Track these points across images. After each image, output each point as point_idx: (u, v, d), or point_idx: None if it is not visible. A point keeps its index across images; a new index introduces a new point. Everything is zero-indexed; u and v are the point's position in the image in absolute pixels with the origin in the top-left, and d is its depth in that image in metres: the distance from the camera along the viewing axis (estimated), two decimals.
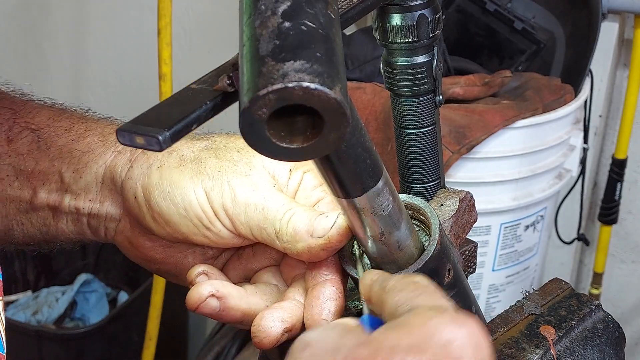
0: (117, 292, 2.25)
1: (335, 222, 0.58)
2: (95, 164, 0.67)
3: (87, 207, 0.68)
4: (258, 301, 0.62)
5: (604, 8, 1.75)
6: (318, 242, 0.58)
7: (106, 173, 0.67)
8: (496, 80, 1.61)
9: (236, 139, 0.65)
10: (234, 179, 0.62)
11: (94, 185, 0.67)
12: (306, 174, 0.64)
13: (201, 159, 0.63)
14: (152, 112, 0.46)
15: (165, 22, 1.53)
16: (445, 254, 0.58)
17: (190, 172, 0.62)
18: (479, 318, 0.47)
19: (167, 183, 0.63)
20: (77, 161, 0.68)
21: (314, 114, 0.40)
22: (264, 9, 0.41)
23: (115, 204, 0.67)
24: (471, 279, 0.69)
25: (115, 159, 0.67)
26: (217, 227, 0.62)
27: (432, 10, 0.63)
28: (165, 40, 1.54)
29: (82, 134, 0.69)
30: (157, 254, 0.66)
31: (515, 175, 1.59)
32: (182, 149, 0.65)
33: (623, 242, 2.11)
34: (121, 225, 0.67)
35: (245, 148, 0.63)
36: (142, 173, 0.64)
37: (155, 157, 0.65)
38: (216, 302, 0.61)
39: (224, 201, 0.61)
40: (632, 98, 1.87)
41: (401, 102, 0.67)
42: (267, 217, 0.60)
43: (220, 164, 0.63)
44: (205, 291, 0.61)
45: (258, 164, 0.63)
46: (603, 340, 0.63)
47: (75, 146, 0.68)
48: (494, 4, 1.77)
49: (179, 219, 0.62)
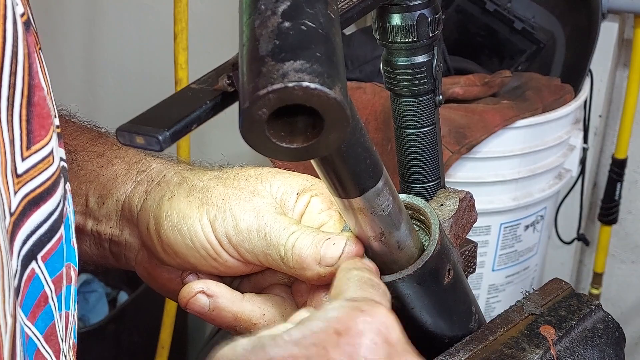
0: (117, 292, 2.24)
1: (343, 251, 0.57)
2: (117, 192, 0.67)
3: (109, 234, 0.68)
4: (254, 308, 0.62)
5: (604, 8, 1.75)
6: (328, 270, 0.57)
7: (125, 203, 0.67)
8: (496, 80, 1.61)
9: (247, 169, 0.65)
10: (236, 206, 0.61)
11: (114, 213, 0.67)
12: (314, 197, 0.63)
13: (209, 188, 0.63)
14: (152, 112, 0.46)
15: (181, 27, 1.52)
16: (445, 254, 0.58)
17: (197, 202, 0.62)
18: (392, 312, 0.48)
19: (176, 214, 0.62)
20: (102, 187, 0.68)
21: (314, 114, 0.40)
22: (264, 9, 0.41)
23: (132, 234, 0.67)
24: (471, 279, 0.69)
25: (134, 189, 0.67)
26: (224, 257, 0.61)
27: (432, 10, 0.63)
28: (181, 45, 1.54)
29: (112, 160, 0.69)
30: (174, 285, 0.66)
31: (515, 175, 1.59)
32: (193, 178, 0.64)
33: (623, 242, 2.11)
34: (140, 256, 0.67)
35: (254, 176, 0.63)
36: (155, 204, 0.64)
37: (167, 188, 0.64)
38: (206, 299, 0.61)
39: (226, 229, 0.61)
40: (632, 98, 1.88)
41: (401, 102, 0.67)
42: (270, 243, 0.59)
43: (226, 191, 0.62)
44: (195, 287, 0.61)
45: (263, 190, 0.62)
46: (603, 340, 0.63)
47: (103, 172, 0.69)
48: (494, 4, 1.77)
49: (186, 250, 0.62)
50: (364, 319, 0.45)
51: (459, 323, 0.62)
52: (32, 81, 0.45)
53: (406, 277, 0.56)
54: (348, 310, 0.46)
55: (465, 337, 0.62)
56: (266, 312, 0.62)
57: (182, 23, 1.52)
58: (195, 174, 0.65)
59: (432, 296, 0.58)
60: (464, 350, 0.60)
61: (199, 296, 0.61)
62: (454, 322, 0.62)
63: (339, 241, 0.57)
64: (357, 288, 0.50)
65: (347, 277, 0.52)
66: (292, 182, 0.63)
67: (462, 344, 0.61)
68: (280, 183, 0.63)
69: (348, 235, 0.57)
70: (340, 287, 0.51)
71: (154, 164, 0.68)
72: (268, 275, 0.65)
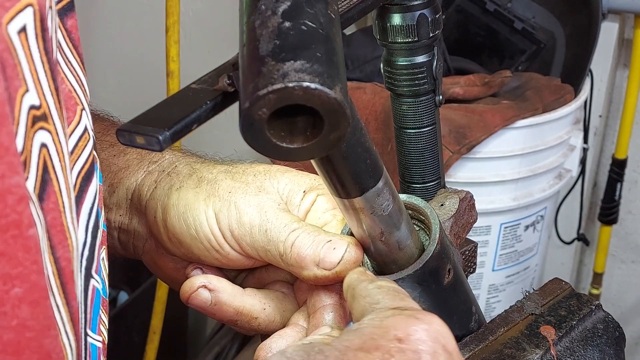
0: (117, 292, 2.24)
1: (343, 257, 0.57)
2: (128, 180, 0.68)
3: (118, 221, 0.68)
4: (255, 303, 0.62)
5: (604, 8, 1.75)
6: (325, 274, 0.58)
7: (135, 191, 0.67)
8: (496, 80, 1.61)
9: (257, 165, 0.65)
10: (241, 200, 0.61)
11: (124, 201, 0.68)
12: (320, 196, 0.63)
13: (217, 180, 0.63)
14: (152, 111, 0.46)
15: (173, 20, 1.55)
16: (445, 254, 0.58)
17: (204, 194, 0.62)
18: (439, 318, 0.47)
19: (183, 204, 0.63)
20: (113, 176, 0.69)
21: (314, 114, 0.40)
22: (264, 9, 0.41)
23: (141, 223, 0.67)
24: (471, 279, 0.69)
25: (145, 178, 0.67)
26: (226, 249, 0.62)
27: (432, 10, 0.63)
28: (173, 38, 1.57)
29: (124, 150, 0.70)
30: (179, 275, 0.66)
31: (515, 175, 1.59)
32: (203, 170, 0.65)
33: (623, 242, 2.11)
34: (147, 245, 0.68)
35: (263, 172, 0.64)
36: (164, 194, 0.65)
37: (177, 178, 0.65)
38: (208, 294, 0.61)
39: (230, 222, 0.61)
40: (632, 98, 1.88)
41: (401, 102, 0.67)
42: (270, 239, 0.60)
43: (233, 185, 0.63)
44: (197, 281, 0.61)
45: (270, 186, 0.63)
46: (603, 340, 0.63)
47: (115, 161, 0.69)
48: (494, 4, 1.77)
49: (191, 240, 0.62)
50: (422, 326, 0.45)
51: (459, 323, 0.62)
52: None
53: (406, 277, 0.56)
54: (404, 317, 0.46)
55: (466, 337, 0.62)
56: (267, 306, 0.62)
57: (174, 16, 1.55)
58: (206, 166, 0.66)
59: (432, 296, 0.58)
60: (464, 350, 0.60)
61: (201, 291, 0.61)
62: (454, 322, 0.62)
63: (340, 246, 0.57)
64: (394, 297, 0.50)
65: (373, 287, 0.51)
66: (300, 180, 0.64)
67: (462, 344, 0.61)
68: (288, 180, 0.63)
69: (349, 240, 0.57)
70: (375, 297, 0.50)
71: (166, 155, 0.69)
72: (271, 271, 0.65)
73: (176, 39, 1.57)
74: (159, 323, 1.82)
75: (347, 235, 0.58)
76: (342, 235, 0.59)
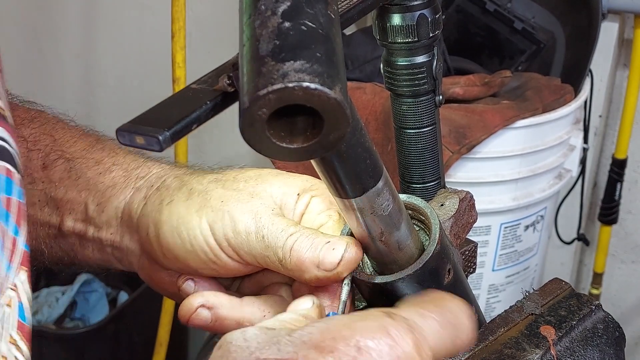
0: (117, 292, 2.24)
1: (343, 257, 0.57)
2: (117, 199, 0.68)
3: (110, 240, 0.68)
4: (254, 311, 0.62)
5: (604, 8, 1.75)
6: (326, 275, 0.57)
7: (125, 209, 0.67)
8: (496, 80, 1.61)
9: (247, 170, 0.65)
10: (235, 208, 0.61)
11: (114, 219, 0.68)
12: (314, 198, 0.62)
13: (208, 191, 0.63)
14: (152, 112, 0.46)
15: (178, 26, 1.54)
16: (445, 254, 0.58)
17: (196, 206, 0.62)
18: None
19: (175, 218, 0.62)
20: (101, 195, 0.68)
21: (314, 114, 0.40)
22: (264, 9, 0.41)
23: (133, 240, 0.67)
24: (471, 279, 0.69)
25: (133, 195, 0.67)
26: (223, 259, 0.61)
27: (432, 10, 0.63)
28: (179, 43, 1.55)
29: (109, 168, 0.70)
30: (176, 288, 0.66)
31: (515, 175, 1.59)
32: (192, 182, 0.64)
33: (623, 242, 2.11)
34: (141, 261, 0.67)
35: (254, 177, 0.63)
36: (154, 210, 0.64)
37: (167, 193, 0.64)
38: (207, 313, 0.60)
39: (225, 232, 0.60)
40: (632, 98, 1.88)
41: (401, 102, 0.67)
42: (268, 245, 0.59)
43: (225, 193, 0.62)
44: (195, 302, 0.60)
45: (262, 191, 0.62)
46: (603, 340, 0.63)
47: (102, 179, 0.69)
48: (494, 4, 1.77)
49: (186, 254, 0.62)
50: (388, 342, 0.45)
51: None
52: None
53: (406, 277, 0.56)
54: (377, 325, 0.45)
55: None
56: (266, 313, 0.62)
57: (180, 22, 1.54)
58: (195, 177, 0.65)
59: None
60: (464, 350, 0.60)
61: (200, 311, 0.61)
62: None
63: (339, 246, 0.57)
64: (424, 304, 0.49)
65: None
66: (293, 182, 0.63)
67: None
68: (280, 184, 0.63)
69: (348, 240, 0.57)
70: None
71: (153, 169, 0.68)
72: (269, 274, 0.65)
73: (182, 44, 1.56)
74: (165, 335, 1.79)
75: (346, 236, 0.58)
76: (341, 236, 0.59)
